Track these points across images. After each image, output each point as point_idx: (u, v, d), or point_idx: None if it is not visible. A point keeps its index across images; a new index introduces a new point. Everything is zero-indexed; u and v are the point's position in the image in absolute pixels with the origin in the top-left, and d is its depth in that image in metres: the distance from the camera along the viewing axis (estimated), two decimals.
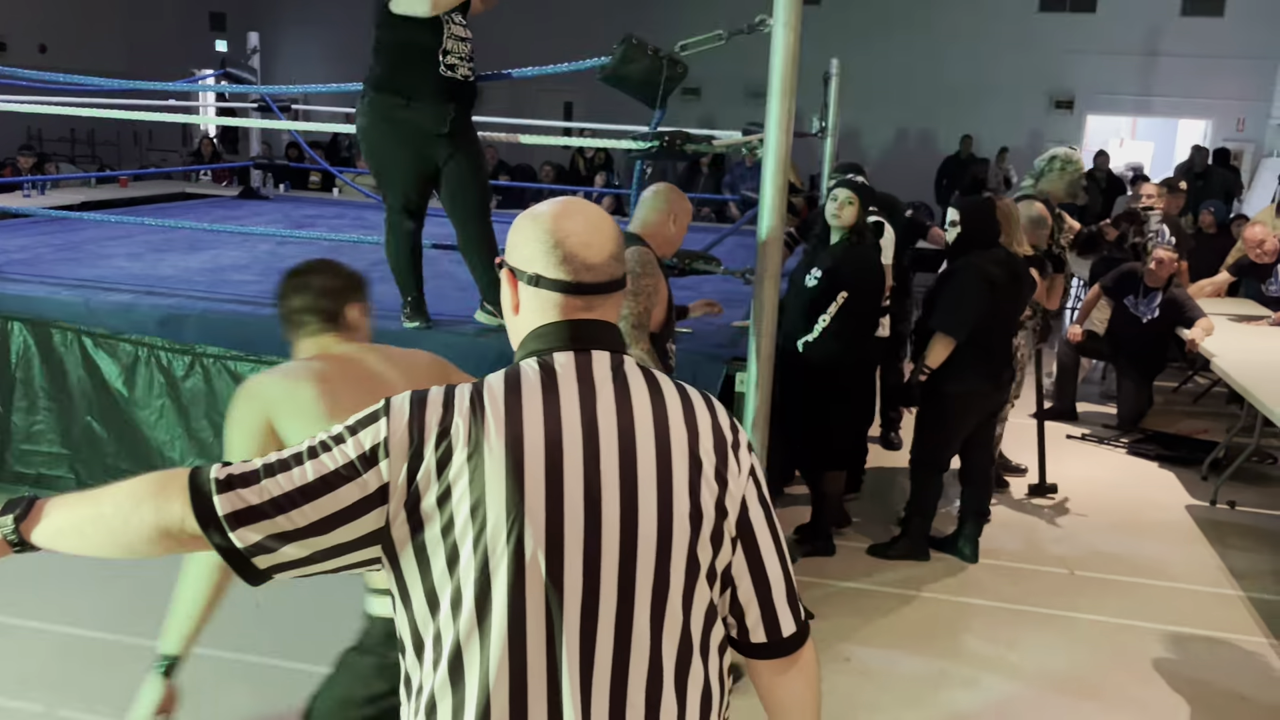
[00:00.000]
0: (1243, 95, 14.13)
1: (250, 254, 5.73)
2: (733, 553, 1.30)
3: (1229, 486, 5.34)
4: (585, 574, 1.21)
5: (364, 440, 1.21)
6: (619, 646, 1.22)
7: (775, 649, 1.35)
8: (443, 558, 1.20)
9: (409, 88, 3.77)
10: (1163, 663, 3.65)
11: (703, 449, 1.28)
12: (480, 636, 1.20)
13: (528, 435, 1.21)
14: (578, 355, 1.28)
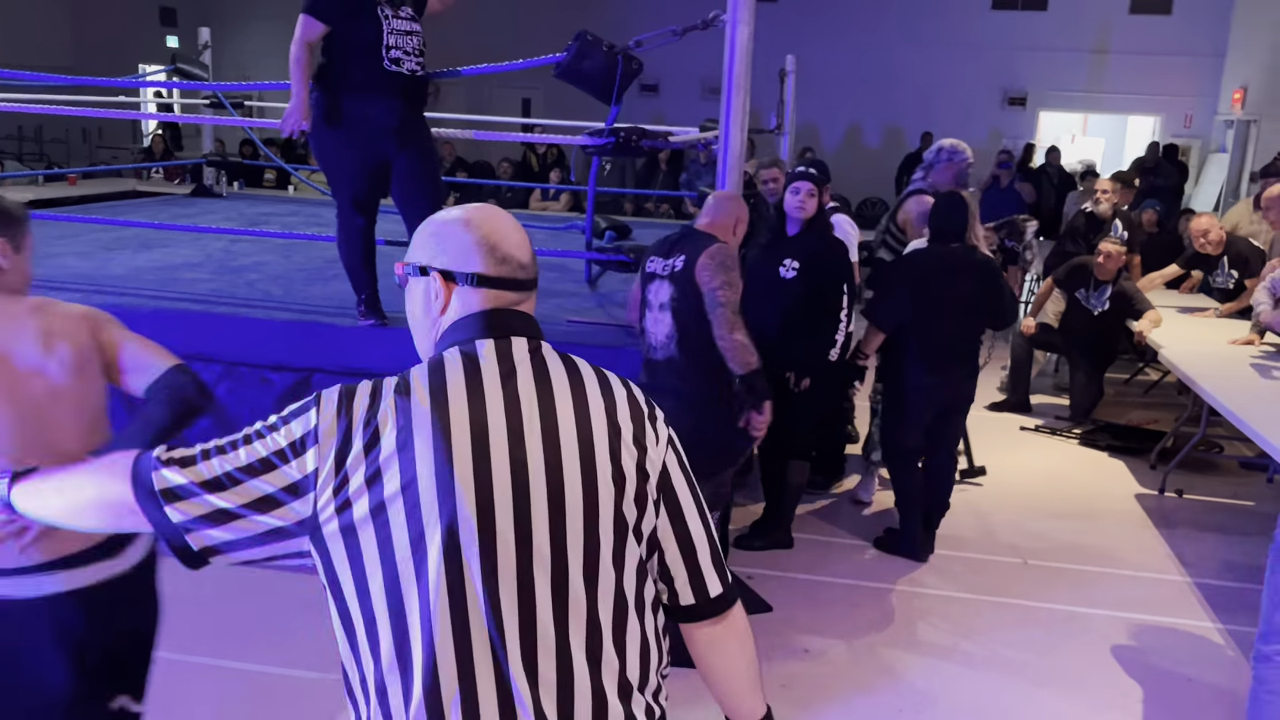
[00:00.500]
0: (1190, 92, 14.41)
1: (203, 252, 5.66)
2: (656, 517, 1.37)
3: (1177, 475, 5.45)
4: (518, 541, 1.26)
5: (294, 430, 1.27)
6: (557, 607, 1.27)
7: (704, 610, 1.42)
8: (373, 540, 1.24)
9: (354, 83, 3.75)
10: (1114, 648, 3.73)
11: (620, 417, 1.35)
12: (420, 614, 1.23)
13: (454, 416, 1.26)
14: (498, 342, 1.34)
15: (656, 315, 3.42)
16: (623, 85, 4.08)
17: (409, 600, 1.24)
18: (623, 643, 1.32)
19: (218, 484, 1.26)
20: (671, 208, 10.17)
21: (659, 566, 1.40)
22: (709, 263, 3.30)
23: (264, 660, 3.35)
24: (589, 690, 1.29)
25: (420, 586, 1.23)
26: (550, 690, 1.27)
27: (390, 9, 3.80)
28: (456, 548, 1.23)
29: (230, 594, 3.76)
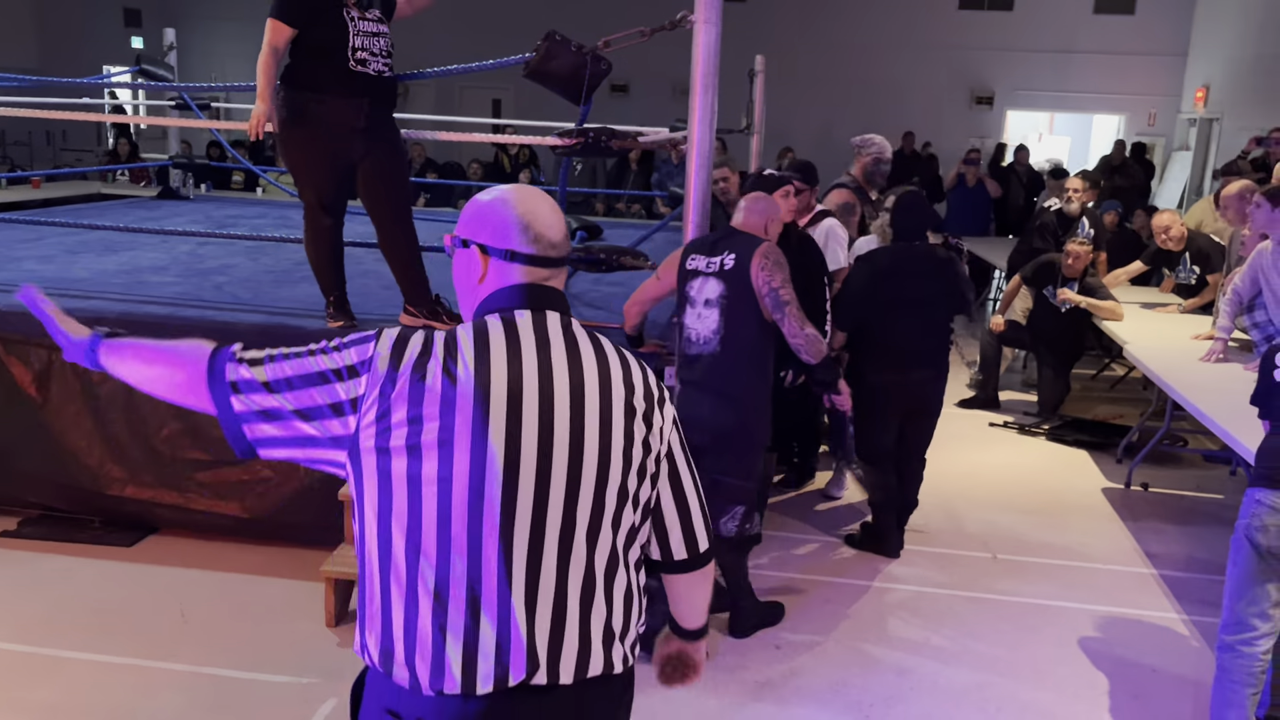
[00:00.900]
0: (1153, 91, 14.59)
1: (170, 255, 5.61)
2: (654, 487, 1.58)
3: (1142, 469, 5.53)
4: (536, 496, 1.42)
5: (351, 356, 1.44)
6: (561, 558, 1.44)
7: (694, 563, 1.68)
8: (404, 472, 1.39)
9: (319, 83, 3.74)
10: (1081, 640, 3.77)
11: (636, 398, 1.53)
12: (436, 544, 1.39)
13: (494, 377, 1.42)
14: (534, 314, 1.50)
15: (701, 311, 3.46)
16: (591, 85, 4.08)
17: (426, 530, 1.39)
18: (611, 594, 1.50)
19: (277, 386, 1.44)
20: (643, 208, 10.18)
21: (656, 529, 1.62)
22: (765, 262, 3.36)
23: (234, 665, 3.32)
24: (577, 633, 1.45)
25: (440, 521, 1.39)
26: (545, 629, 1.42)
27: (357, 11, 3.79)
28: (480, 494, 1.39)
29: (199, 600, 3.73)
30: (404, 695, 1.42)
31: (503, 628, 1.40)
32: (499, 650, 1.40)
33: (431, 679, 1.40)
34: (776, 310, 3.35)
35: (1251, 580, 2.85)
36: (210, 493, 4.08)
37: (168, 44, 7.98)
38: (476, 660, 1.39)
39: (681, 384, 3.57)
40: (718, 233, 3.61)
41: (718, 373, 3.43)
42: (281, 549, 4.07)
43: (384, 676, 1.43)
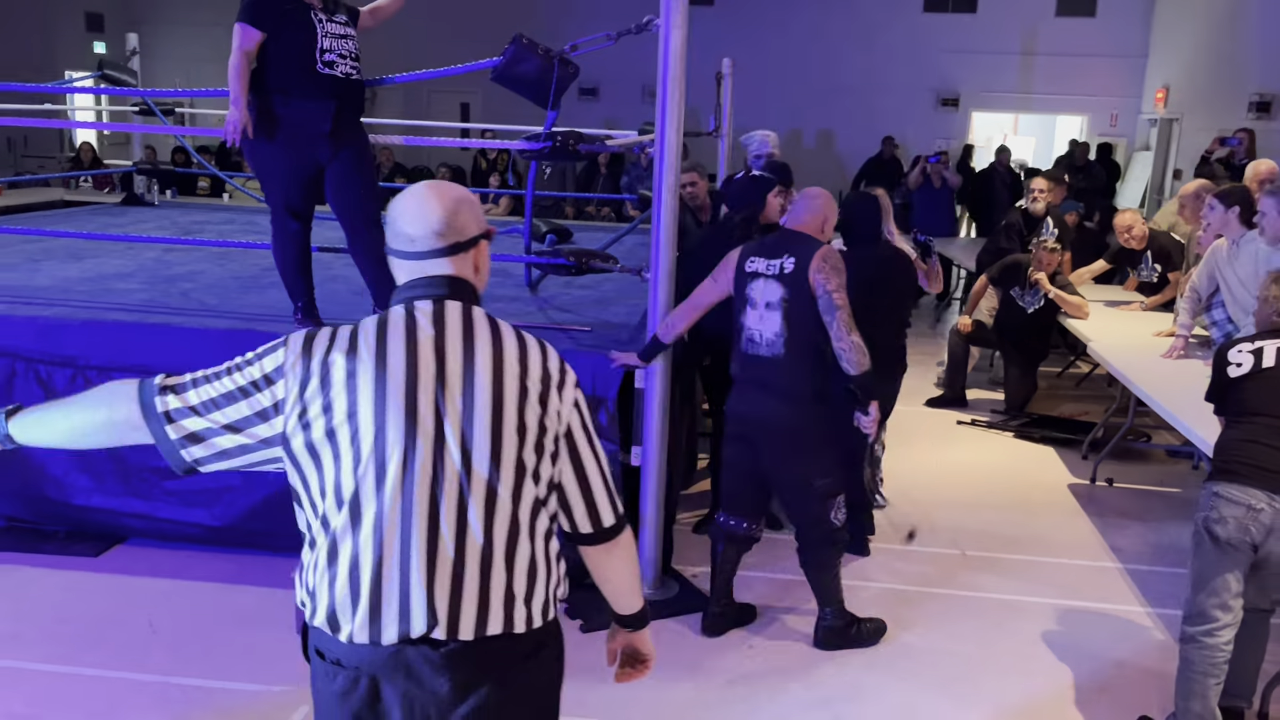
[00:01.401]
0: (1115, 92, 14.78)
1: (135, 262, 5.56)
2: (555, 464, 1.70)
3: (1107, 465, 5.61)
4: (433, 471, 1.58)
5: (266, 365, 1.62)
6: (459, 522, 1.59)
7: (598, 537, 1.79)
8: (330, 455, 1.58)
9: (287, 86, 3.73)
10: (1049, 635, 3.82)
11: (530, 379, 1.66)
12: (352, 521, 1.58)
13: (391, 364, 1.58)
14: (434, 304, 1.65)
15: (762, 314, 3.51)
16: (559, 89, 4.09)
17: (341, 498, 1.58)
18: (513, 561, 1.62)
19: (204, 409, 1.62)
20: (613, 211, 10.19)
21: (560, 502, 1.74)
22: (824, 265, 3.42)
23: (203, 675, 3.30)
24: (476, 594, 1.59)
25: (351, 491, 1.57)
26: (444, 589, 1.58)
27: (324, 14, 3.78)
28: (384, 465, 1.56)
29: (167, 609, 3.70)
30: (325, 639, 1.62)
31: (404, 586, 1.57)
32: (401, 606, 1.57)
33: (343, 628, 1.58)
34: (828, 313, 3.41)
35: (1212, 572, 2.90)
36: (178, 501, 4.04)
37: (131, 49, 7.90)
38: (382, 614, 1.57)
39: (742, 384, 3.62)
40: (776, 235, 3.64)
41: (784, 374, 3.49)
42: (252, 556, 4.04)
43: (310, 623, 1.63)
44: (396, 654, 1.59)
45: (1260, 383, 2.92)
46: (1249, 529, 2.83)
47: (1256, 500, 2.82)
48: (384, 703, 1.61)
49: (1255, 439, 2.87)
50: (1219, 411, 3.10)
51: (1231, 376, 2.99)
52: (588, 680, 3.36)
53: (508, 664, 1.64)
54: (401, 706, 1.61)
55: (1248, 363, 2.96)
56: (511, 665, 1.65)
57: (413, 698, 1.60)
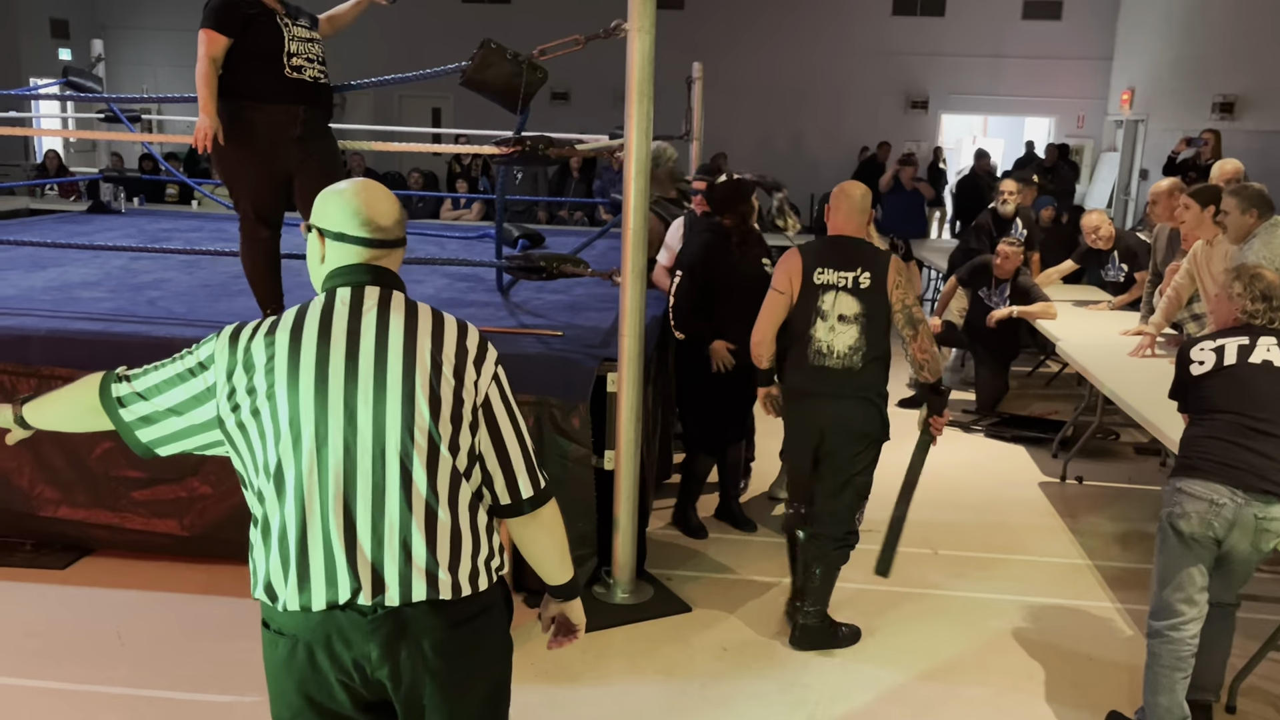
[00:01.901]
0: (1082, 94, 14.95)
1: (101, 271, 5.50)
2: (474, 435, 1.77)
3: (1077, 462, 5.66)
4: (345, 449, 1.69)
5: (201, 353, 1.77)
6: (375, 493, 1.69)
7: (518, 508, 1.85)
8: (256, 433, 1.71)
9: (255, 90, 3.70)
10: (1021, 632, 3.86)
11: (443, 355, 1.75)
12: (278, 494, 1.70)
13: (304, 348, 1.70)
14: (354, 289, 1.77)
15: (835, 325, 3.51)
16: (528, 94, 4.09)
17: (265, 474, 1.71)
18: (434, 531, 1.71)
19: (149, 394, 1.79)
20: (585, 215, 10.19)
21: (482, 474, 1.80)
22: (899, 279, 3.51)
23: (174, 686, 3.27)
24: (398, 562, 1.69)
25: (274, 467, 1.69)
26: (365, 558, 1.68)
27: (289, 19, 3.77)
28: (299, 440, 1.68)
29: (137, 621, 3.66)
30: (267, 609, 1.75)
31: (328, 554, 1.68)
32: (327, 573, 1.68)
33: (279, 597, 1.70)
34: (909, 327, 3.52)
35: (1177, 567, 2.94)
36: (147, 511, 4.00)
37: (96, 55, 7.83)
38: (310, 581, 1.68)
39: (809, 396, 3.59)
40: (839, 243, 3.61)
41: (861, 384, 3.54)
42: (223, 566, 4.00)
43: (254, 594, 1.76)
44: (326, 619, 1.69)
45: (1222, 380, 2.96)
46: (1212, 524, 2.87)
47: (1219, 495, 2.86)
48: (320, 668, 1.71)
49: (1218, 435, 2.91)
50: (1183, 409, 3.14)
51: (1194, 374, 3.03)
52: (561, 684, 3.36)
53: (436, 629, 1.72)
54: (335, 670, 1.70)
55: (1210, 361, 3.00)
56: (441, 631, 1.73)
57: (345, 661, 1.70)
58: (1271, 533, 2.86)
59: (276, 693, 1.77)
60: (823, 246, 3.65)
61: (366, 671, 1.71)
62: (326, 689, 1.72)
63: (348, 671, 1.71)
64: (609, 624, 3.74)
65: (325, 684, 1.72)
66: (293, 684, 1.73)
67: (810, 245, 3.71)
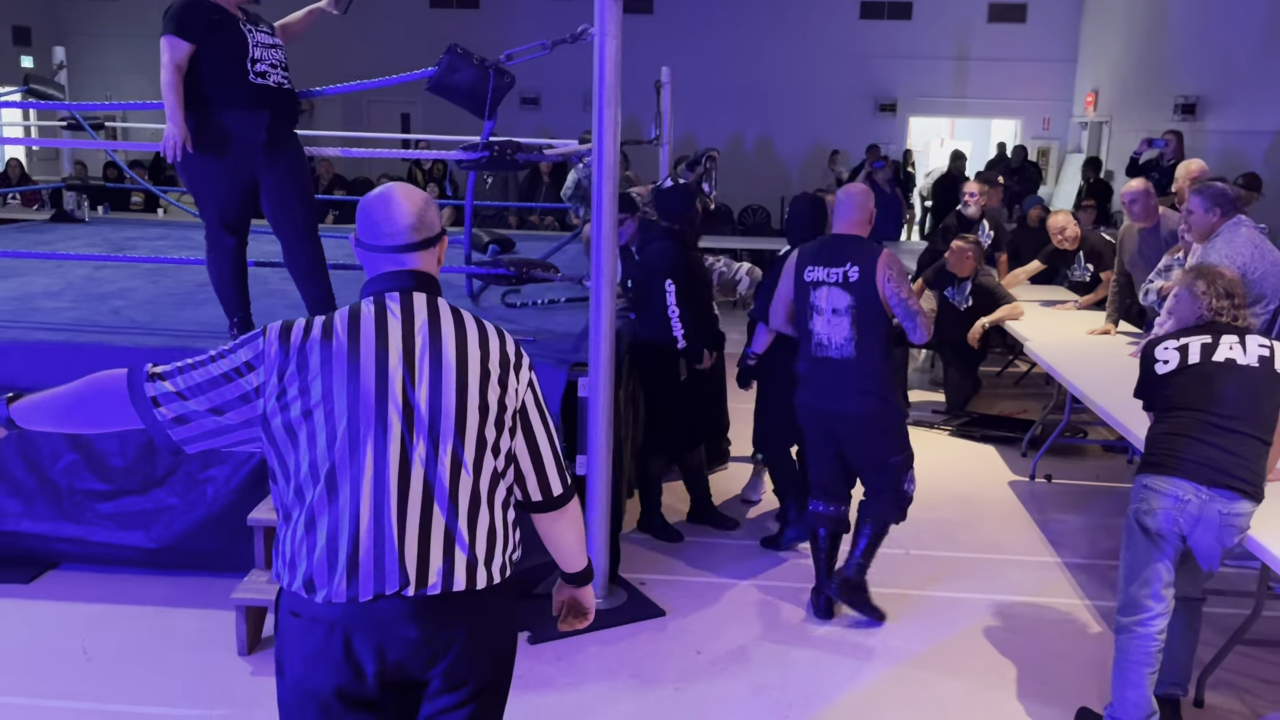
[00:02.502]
0: (1046, 96, 15.11)
1: (64, 280, 5.42)
2: (513, 439, 1.90)
3: (1046, 461, 5.71)
4: (402, 448, 1.77)
5: (244, 354, 1.79)
6: (426, 496, 1.78)
7: (549, 505, 1.99)
8: (306, 434, 1.76)
9: (219, 97, 3.67)
10: (992, 630, 3.88)
11: (491, 363, 1.86)
12: (329, 493, 1.75)
13: (363, 345, 1.77)
14: (403, 295, 1.84)
15: (829, 319, 3.72)
16: (495, 99, 4.07)
17: (318, 471, 1.75)
18: (475, 526, 1.82)
19: (190, 393, 1.78)
20: (556, 220, 10.16)
21: (515, 474, 1.93)
22: (890, 273, 3.65)
23: (141, 701, 3.22)
24: (441, 556, 1.78)
25: (328, 463, 1.74)
26: (413, 551, 1.76)
27: (250, 25, 3.74)
28: (358, 439, 1.74)
29: (103, 635, 3.61)
30: (300, 601, 1.77)
31: (379, 551, 1.75)
32: (376, 568, 1.74)
33: (320, 590, 1.74)
34: (908, 320, 3.71)
35: (1143, 563, 2.97)
36: (113, 524, 3.95)
37: (57, 62, 7.73)
38: (359, 576, 1.74)
39: (815, 383, 3.82)
40: (828, 240, 3.85)
41: (857, 373, 3.71)
42: (190, 578, 3.96)
43: (288, 589, 1.79)
44: (370, 608, 1.75)
45: (1186, 378, 3.00)
46: (1177, 520, 2.91)
47: (1184, 492, 2.89)
48: (357, 652, 1.76)
49: (1182, 432, 2.95)
50: (1148, 407, 3.18)
51: (1159, 373, 3.06)
52: (535, 691, 3.35)
53: (469, 616, 1.83)
54: (375, 653, 1.77)
55: (1174, 359, 3.03)
56: (472, 617, 1.83)
57: (385, 645, 1.77)
58: (1236, 528, 2.89)
59: (302, 678, 1.80)
60: (818, 246, 3.85)
61: (401, 652, 1.78)
62: (357, 671, 1.77)
63: (382, 653, 1.77)
64: (582, 629, 3.73)
65: (357, 666, 1.77)
66: (325, 668, 1.77)
67: (806, 246, 3.91)
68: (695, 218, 4.69)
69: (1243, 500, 2.87)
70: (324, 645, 1.76)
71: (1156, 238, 5.34)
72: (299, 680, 1.80)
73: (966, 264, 6.46)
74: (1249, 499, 2.88)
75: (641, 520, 4.71)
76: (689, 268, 4.47)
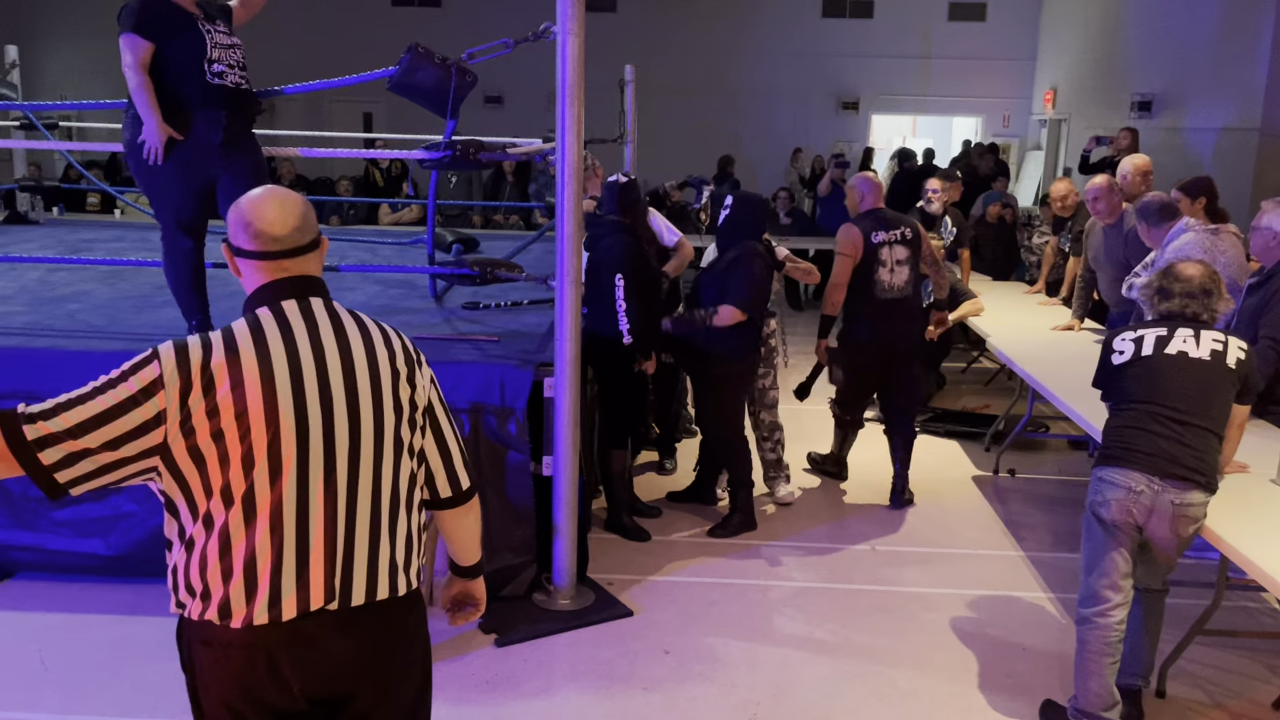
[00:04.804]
0: (1006, 94, 15.28)
1: (17, 283, 5.32)
2: (424, 437, 1.88)
3: (1009, 456, 5.77)
4: (325, 453, 1.71)
5: (140, 381, 1.63)
6: (349, 502, 1.74)
7: (458, 500, 1.97)
8: (215, 457, 1.65)
9: (176, 97, 3.62)
10: (957, 624, 3.91)
11: (398, 362, 1.82)
12: (245, 515, 1.66)
13: (275, 362, 1.69)
14: (299, 302, 1.77)
15: (893, 268, 4.87)
16: (457, 98, 4.05)
17: (234, 493, 1.65)
18: (395, 533, 1.80)
19: (81, 430, 1.60)
20: (520, 219, 10.12)
21: (425, 472, 1.91)
22: (924, 232, 5.08)
23: (100, 711, 3.17)
24: (365, 566, 1.75)
25: (246, 485, 1.66)
26: (337, 564, 1.72)
27: (208, 23, 3.68)
28: (279, 457, 1.67)
29: (61, 645, 3.55)
30: (214, 630, 1.69)
31: (301, 566, 1.69)
32: (299, 586, 1.69)
33: (237, 615, 1.67)
34: (933, 266, 5.26)
35: (1101, 554, 3.01)
36: (70, 531, 3.88)
37: (10, 61, 7.58)
38: (281, 597, 1.68)
39: (877, 320, 4.90)
40: (882, 212, 4.95)
41: (912, 306, 5.00)
42: (151, 585, 3.89)
43: (193, 618, 1.70)
44: (294, 626, 1.70)
45: (1139, 370, 3.04)
46: (1131, 511, 2.95)
47: (1136, 483, 2.93)
48: (281, 672, 1.70)
49: (1135, 425, 2.99)
50: (1105, 397, 3.22)
51: (1115, 364, 3.11)
52: (504, 694, 3.33)
53: (390, 623, 1.81)
54: (299, 671, 1.71)
55: (1129, 350, 3.07)
56: (394, 624, 1.82)
57: (309, 662, 1.72)
58: (1189, 519, 2.94)
59: (224, 707, 1.72)
60: (876, 218, 4.91)
61: (327, 669, 1.74)
62: (283, 689, 1.71)
63: (308, 669, 1.72)
64: (550, 631, 3.72)
65: (283, 685, 1.71)
66: (242, 691, 1.70)
67: (860, 218, 4.92)
68: (644, 212, 4.75)
69: (1194, 491, 2.92)
70: (244, 669, 1.69)
71: (1119, 234, 5.41)
72: (223, 708, 1.72)
73: None
74: (1201, 489, 2.93)
75: (608, 519, 4.69)
76: (638, 262, 4.47)
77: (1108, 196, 5.47)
